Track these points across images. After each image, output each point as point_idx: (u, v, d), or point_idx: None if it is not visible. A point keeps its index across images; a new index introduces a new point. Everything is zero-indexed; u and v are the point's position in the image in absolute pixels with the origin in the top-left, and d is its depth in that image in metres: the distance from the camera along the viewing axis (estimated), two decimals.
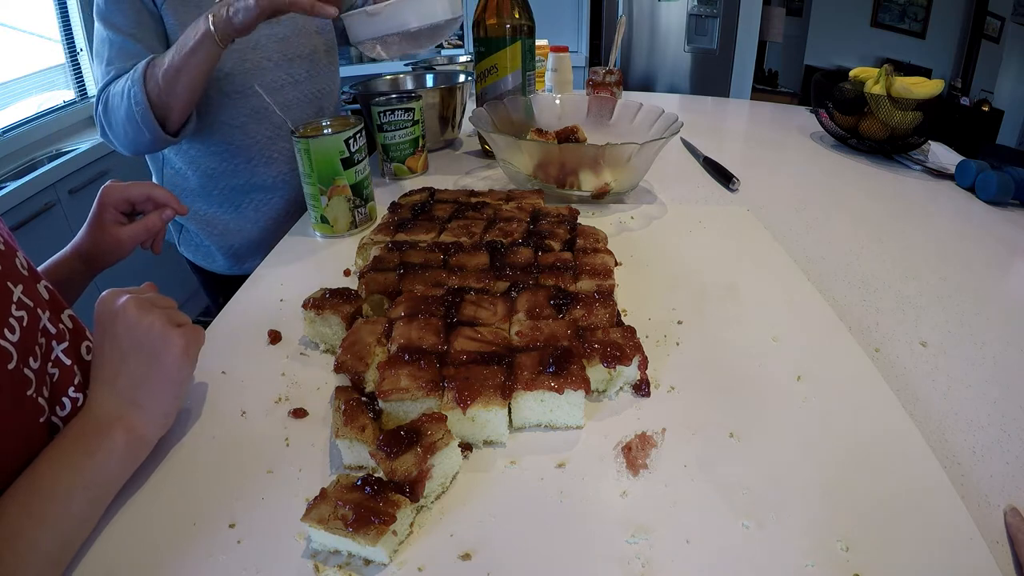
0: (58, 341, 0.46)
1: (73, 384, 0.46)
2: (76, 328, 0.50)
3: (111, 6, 0.88)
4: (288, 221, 1.00)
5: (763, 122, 1.55)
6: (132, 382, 0.46)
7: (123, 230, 0.67)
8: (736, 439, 0.48)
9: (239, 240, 1.09)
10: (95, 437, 0.43)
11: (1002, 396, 0.56)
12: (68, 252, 0.66)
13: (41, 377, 0.43)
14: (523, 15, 1.04)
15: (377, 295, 0.62)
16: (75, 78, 2.39)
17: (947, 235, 0.89)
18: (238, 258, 1.11)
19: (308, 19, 1.05)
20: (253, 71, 0.97)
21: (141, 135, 0.86)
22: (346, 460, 0.46)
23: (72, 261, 0.66)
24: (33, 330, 0.44)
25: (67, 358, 0.46)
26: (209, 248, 1.10)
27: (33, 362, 0.43)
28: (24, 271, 0.46)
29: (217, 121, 0.98)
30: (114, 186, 0.68)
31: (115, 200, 0.67)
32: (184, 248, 1.14)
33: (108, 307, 0.47)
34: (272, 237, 0.92)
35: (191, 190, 1.05)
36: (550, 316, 0.56)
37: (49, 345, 0.45)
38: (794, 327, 0.62)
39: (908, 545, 0.39)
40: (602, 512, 0.42)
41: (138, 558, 0.40)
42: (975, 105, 3.39)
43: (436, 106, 1.17)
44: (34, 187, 1.78)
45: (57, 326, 0.47)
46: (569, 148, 0.89)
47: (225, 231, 1.07)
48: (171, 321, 0.48)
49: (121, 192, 0.68)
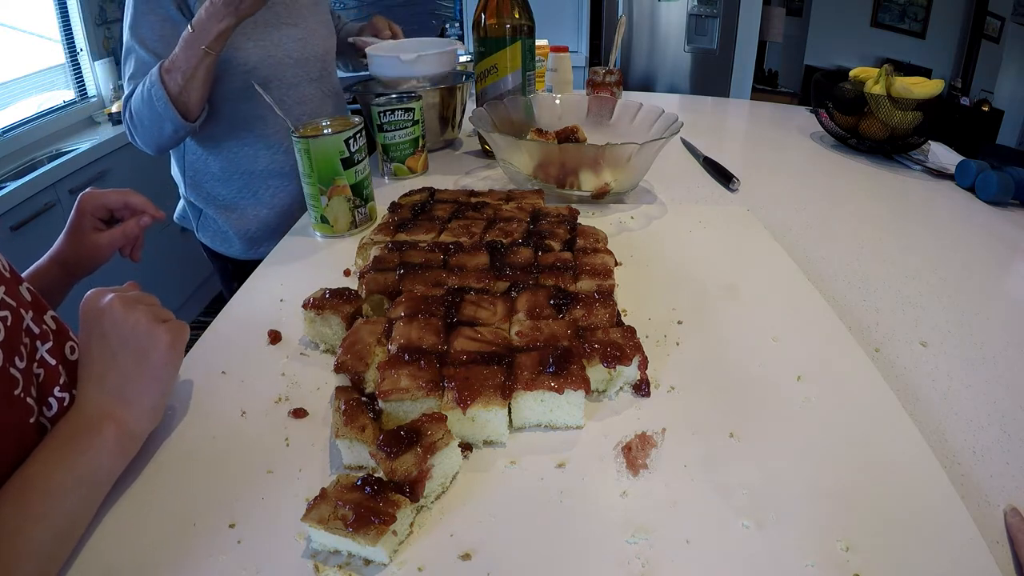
0: (42, 341, 0.46)
1: (59, 384, 0.47)
2: (59, 328, 0.50)
3: (139, 18, 0.95)
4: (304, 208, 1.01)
5: (763, 122, 1.55)
6: (120, 379, 0.46)
7: (101, 236, 0.68)
8: (736, 439, 0.48)
9: (256, 224, 1.14)
10: (86, 434, 0.43)
11: (1002, 396, 0.56)
12: (47, 261, 0.66)
13: (28, 377, 0.43)
14: (523, 15, 1.04)
15: (377, 295, 0.62)
16: (75, 78, 2.39)
17: (947, 235, 0.89)
18: (254, 242, 1.15)
19: (318, 22, 1.14)
20: (276, 67, 1.04)
21: (164, 129, 0.95)
22: (346, 460, 0.46)
23: (52, 269, 0.66)
24: (17, 330, 0.44)
25: (52, 358, 0.47)
26: (227, 233, 1.15)
27: (19, 362, 0.43)
28: (6, 272, 0.46)
29: (239, 110, 1.05)
30: (92, 194, 0.68)
31: (93, 207, 0.68)
32: (202, 234, 1.18)
33: (93, 305, 0.47)
34: (288, 222, 0.97)
35: (212, 174, 1.11)
36: (550, 316, 0.56)
37: (33, 345, 0.45)
38: (794, 327, 0.62)
39: (908, 545, 0.39)
40: (602, 512, 0.42)
41: (138, 558, 0.40)
42: (975, 105, 3.39)
43: (436, 106, 1.17)
44: (34, 187, 1.78)
45: (40, 326, 0.47)
46: (569, 148, 0.89)
47: (243, 215, 1.13)
48: (156, 317, 0.48)
49: (98, 199, 0.68)
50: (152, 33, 0.95)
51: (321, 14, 1.16)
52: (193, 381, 0.56)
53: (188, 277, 2.45)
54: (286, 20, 1.06)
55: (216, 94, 1.01)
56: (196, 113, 0.96)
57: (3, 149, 2.00)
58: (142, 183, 2.15)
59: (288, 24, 1.07)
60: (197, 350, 0.61)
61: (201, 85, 0.92)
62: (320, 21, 1.15)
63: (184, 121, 0.95)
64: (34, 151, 2.09)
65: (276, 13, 1.05)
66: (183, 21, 0.93)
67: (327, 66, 1.16)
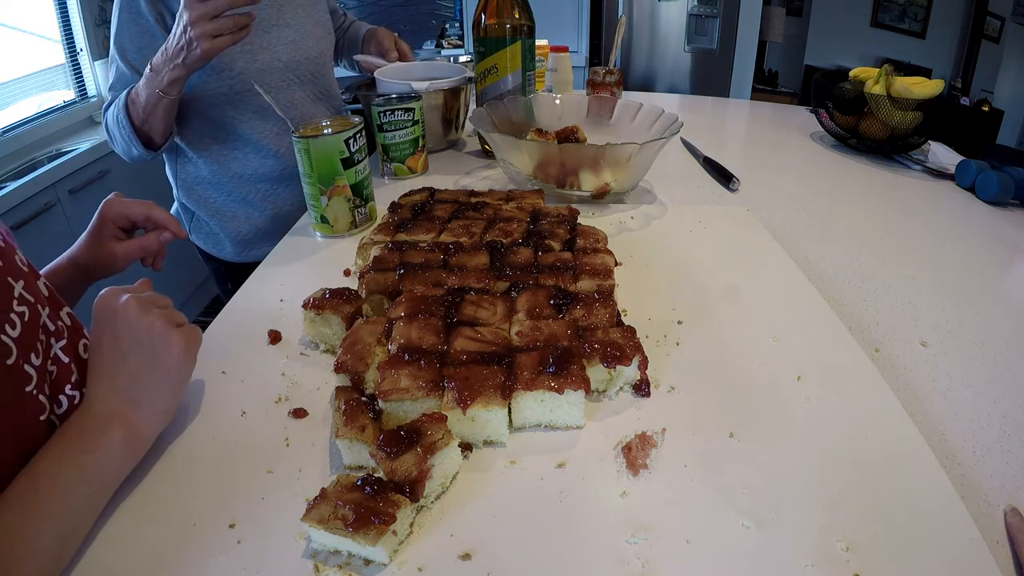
0: (57, 338, 0.46)
1: (70, 382, 0.47)
2: (74, 326, 0.50)
3: (121, 28, 0.95)
4: (295, 211, 1.04)
5: (763, 122, 1.55)
6: (132, 380, 0.46)
7: (119, 246, 0.67)
8: (736, 439, 0.48)
9: (247, 228, 1.14)
10: (94, 434, 0.43)
11: (1002, 396, 0.56)
12: (65, 260, 0.66)
13: (42, 374, 0.43)
14: (523, 15, 1.04)
15: (377, 295, 0.62)
16: (75, 78, 2.39)
17: (947, 235, 0.89)
18: (246, 245, 1.15)
19: (314, 23, 1.12)
20: (263, 71, 1.02)
21: (133, 151, 0.98)
22: (346, 460, 0.46)
23: (68, 269, 0.66)
24: (34, 326, 0.44)
25: (65, 356, 0.47)
26: (219, 235, 1.15)
27: (35, 359, 0.43)
28: (24, 267, 0.46)
29: (227, 116, 1.03)
30: (116, 201, 0.68)
31: (115, 215, 0.67)
32: (195, 236, 1.18)
33: (108, 305, 0.47)
34: (279, 226, 0.97)
35: (203, 178, 1.10)
36: (550, 316, 0.56)
37: (48, 342, 0.45)
38: (794, 327, 0.62)
39: (908, 545, 0.39)
40: (602, 512, 0.42)
41: (138, 558, 0.40)
42: (975, 105, 3.39)
43: (439, 107, 1.17)
44: (34, 187, 1.78)
45: (56, 323, 0.47)
46: (569, 148, 0.89)
47: (234, 218, 1.12)
48: (171, 321, 0.48)
49: (121, 209, 0.67)
50: (132, 44, 0.95)
51: (318, 14, 1.13)
52: (193, 381, 0.56)
53: (187, 277, 2.45)
54: (277, 21, 1.04)
55: (202, 100, 1.01)
56: (160, 142, 0.98)
57: (3, 149, 2.00)
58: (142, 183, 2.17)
59: (279, 25, 1.04)
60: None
61: (161, 120, 0.93)
62: (316, 21, 1.12)
63: (147, 149, 0.97)
64: (34, 151, 2.09)
65: (267, 15, 1.02)
66: (162, 36, 0.93)
67: (321, 68, 1.14)
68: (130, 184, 2.16)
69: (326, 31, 1.16)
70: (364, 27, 1.34)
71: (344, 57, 1.37)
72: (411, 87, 1.07)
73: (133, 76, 0.95)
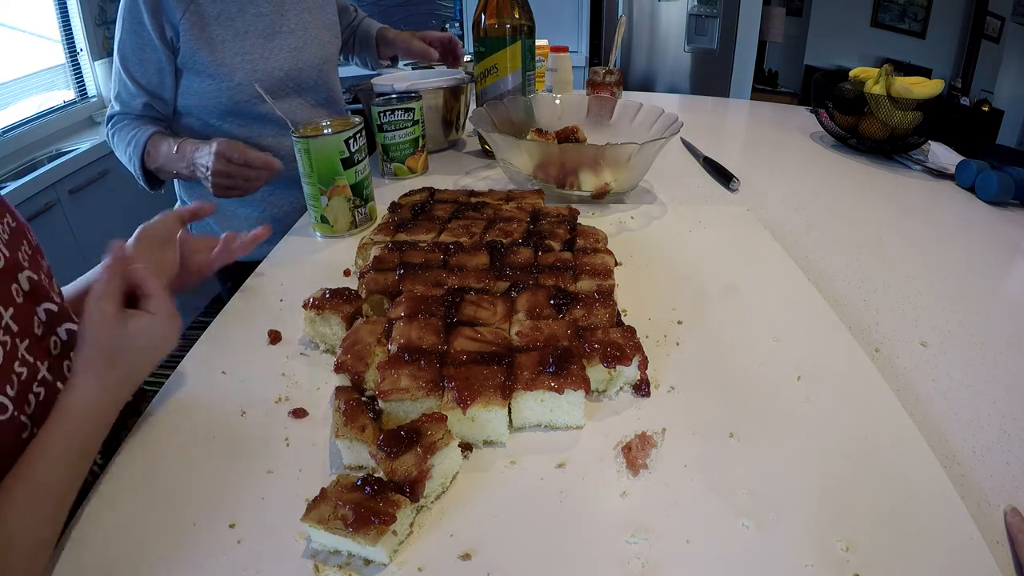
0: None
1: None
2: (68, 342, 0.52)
3: (124, 35, 0.95)
4: (294, 212, 1.04)
5: (763, 122, 1.55)
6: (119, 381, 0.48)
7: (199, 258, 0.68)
8: (736, 439, 0.48)
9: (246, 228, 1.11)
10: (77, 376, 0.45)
11: (1002, 396, 0.56)
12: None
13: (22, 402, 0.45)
14: (523, 15, 1.04)
15: (377, 295, 0.62)
16: (75, 78, 2.39)
17: (947, 235, 0.89)
18: None
19: (320, 27, 1.10)
20: (263, 81, 1.00)
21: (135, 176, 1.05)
22: (346, 460, 0.46)
23: None
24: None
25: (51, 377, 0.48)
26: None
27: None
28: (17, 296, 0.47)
29: (226, 123, 1.03)
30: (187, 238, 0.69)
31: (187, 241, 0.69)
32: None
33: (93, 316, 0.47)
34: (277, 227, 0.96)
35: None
36: (550, 316, 0.56)
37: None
38: (794, 327, 0.62)
39: (908, 545, 0.39)
40: (602, 512, 0.42)
41: (138, 558, 0.40)
42: (975, 105, 3.38)
43: (440, 108, 1.17)
44: (34, 187, 1.78)
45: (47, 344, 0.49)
46: (569, 148, 0.89)
47: (233, 218, 1.13)
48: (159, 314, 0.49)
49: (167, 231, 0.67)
50: (134, 55, 0.95)
51: (325, 16, 1.12)
52: (193, 381, 0.56)
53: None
54: (281, 28, 1.02)
55: (202, 109, 1.01)
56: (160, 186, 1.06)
57: (3, 149, 2.00)
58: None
59: (283, 33, 1.03)
60: (197, 350, 0.61)
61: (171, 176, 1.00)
62: (322, 25, 1.10)
63: (150, 188, 1.04)
64: (34, 151, 2.09)
65: (270, 22, 1.01)
66: (161, 50, 0.93)
67: (323, 74, 1.12)
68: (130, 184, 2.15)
69: (332, 34, 1.14)
70: (375, 25, 1.31)
71: (355, 55, 1.34)
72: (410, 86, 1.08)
73: (136, 91, 0.97)
